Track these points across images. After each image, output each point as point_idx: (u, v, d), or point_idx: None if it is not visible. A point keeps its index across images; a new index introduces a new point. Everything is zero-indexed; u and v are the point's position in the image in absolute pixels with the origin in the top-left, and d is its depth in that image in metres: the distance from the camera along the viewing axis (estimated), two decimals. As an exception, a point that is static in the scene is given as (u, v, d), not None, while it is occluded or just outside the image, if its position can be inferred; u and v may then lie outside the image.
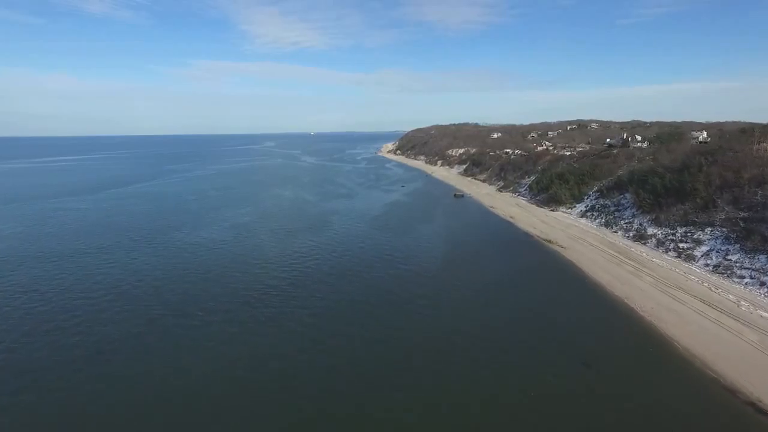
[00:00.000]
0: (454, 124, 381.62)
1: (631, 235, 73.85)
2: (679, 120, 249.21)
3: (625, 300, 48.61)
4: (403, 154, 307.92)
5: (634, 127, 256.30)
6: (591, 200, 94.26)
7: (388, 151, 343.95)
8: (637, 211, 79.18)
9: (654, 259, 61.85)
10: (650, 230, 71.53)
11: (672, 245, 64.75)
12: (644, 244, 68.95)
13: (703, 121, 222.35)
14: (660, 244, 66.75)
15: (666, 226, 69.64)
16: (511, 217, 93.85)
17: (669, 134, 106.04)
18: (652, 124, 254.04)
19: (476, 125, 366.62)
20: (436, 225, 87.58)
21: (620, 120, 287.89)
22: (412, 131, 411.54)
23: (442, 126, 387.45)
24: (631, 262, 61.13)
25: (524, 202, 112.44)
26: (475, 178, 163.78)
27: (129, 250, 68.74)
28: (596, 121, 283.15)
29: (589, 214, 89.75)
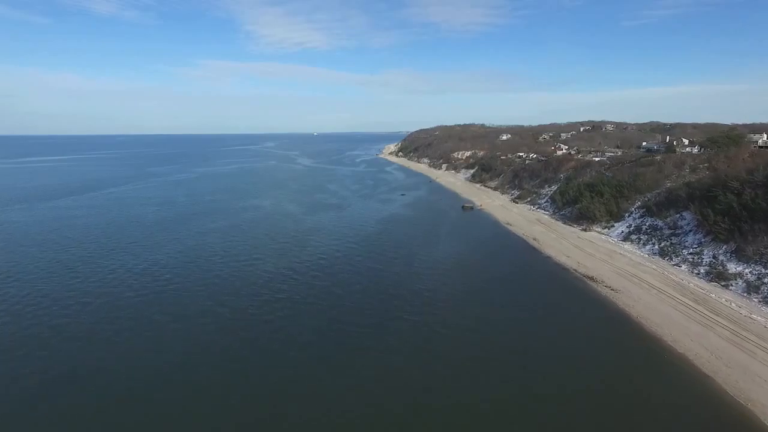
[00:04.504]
0: (460, 125, 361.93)
1: (701, 271, 55.21)
2: (701, 122, 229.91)
3: (748, 405, 30.14)
4: (405, 156, 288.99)
5: (654, 128, 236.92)
6: (635, 219, 75.56)
7: (390, 153, 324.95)
8: (704, 237, 60.51)
9: (754, 316, 43.28)
10: (732, 267, 52.85)
11: (774, 293, 46.16)
12: (727, 287, 50.33)
13: (728, 122, 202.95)
14: (753, 289, 48.10)
15: (757, 263, 50.97)
16: (535, 239, 75.31)
17: (726, 137, 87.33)
18: (673, 125, 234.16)
19: (482, 126, 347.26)
20: (441, 252, 69.03)
21: (635, 121, 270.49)
22: (415, 132, 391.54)
23: (446, 127, 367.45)
24: (722, 321, 42.59)
25: (547, 217, 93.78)
26: (485, 186, 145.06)
27: (35, 281, 50.98)
28: (611, 122, 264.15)
29: (634, 237, 71.06)
